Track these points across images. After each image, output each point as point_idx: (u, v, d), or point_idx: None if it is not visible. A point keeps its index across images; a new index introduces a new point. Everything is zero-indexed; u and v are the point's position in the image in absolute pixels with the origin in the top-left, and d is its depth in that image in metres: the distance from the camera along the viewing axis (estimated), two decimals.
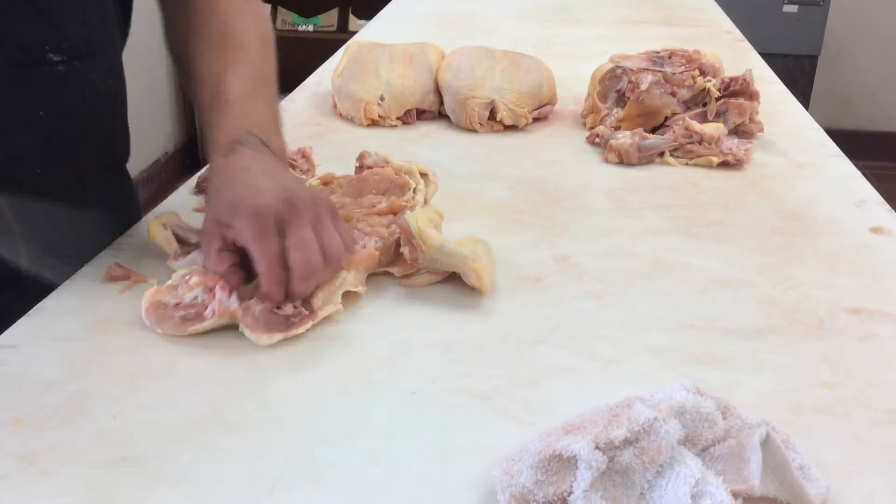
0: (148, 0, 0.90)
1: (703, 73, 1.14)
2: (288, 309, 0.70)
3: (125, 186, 0.96)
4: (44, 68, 0.77)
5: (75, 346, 0.69)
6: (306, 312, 0.70)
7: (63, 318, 0.72)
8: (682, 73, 1.14)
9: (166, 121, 3.47)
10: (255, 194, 0.69)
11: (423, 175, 0.91)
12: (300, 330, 0.69)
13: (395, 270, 0.78)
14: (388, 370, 0.67)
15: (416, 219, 0.76)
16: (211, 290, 0.70)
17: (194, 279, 0.71)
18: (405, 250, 0.76)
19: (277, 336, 0.68)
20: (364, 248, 0.76)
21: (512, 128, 1.18)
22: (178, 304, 0.71)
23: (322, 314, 0.71)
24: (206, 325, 0.69)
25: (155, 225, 0.80)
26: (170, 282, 0.73)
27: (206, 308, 0.69)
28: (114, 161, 0.92)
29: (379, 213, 0.83)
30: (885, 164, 3.51)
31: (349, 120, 1.21)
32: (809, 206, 0.96)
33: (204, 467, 0.56)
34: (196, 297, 0.71)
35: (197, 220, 0.78)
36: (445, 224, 0.83)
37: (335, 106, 1.23)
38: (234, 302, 0.69)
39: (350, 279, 0.74)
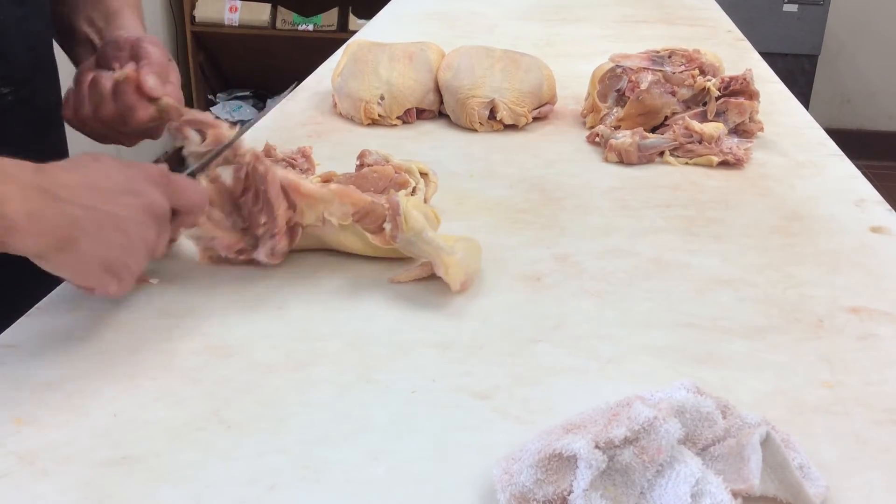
0: None
1: (703, 73, 1.14)
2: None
3: None
4: None
5: (75, 346, 0.69)
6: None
7: (63, 317, 0.72)
8: (682, 72, 1.14)
9: None
10: None
11: (424, 174, 0.91)
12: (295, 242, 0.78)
13: (374, 239, 0.79)
14: (388, 369, 0.67)
15: (408, 200, 0.76)
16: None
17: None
18: (388, 226, 0.76)
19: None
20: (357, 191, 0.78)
21: (512, 127, 1.18)
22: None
23: (306, 223, 0.78)
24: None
25: None
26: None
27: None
28: None
29: None
30: (885, 164, 3.51)
31: (349, 119, 1.21)
32: (809, 205, 0.96)
33: (204, 467, 0.56)
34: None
35: None
36: (445, 223, 0.83)
37: (335, 105, 1.23)
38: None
39: (336, 208, 0.76)
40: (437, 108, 1.22)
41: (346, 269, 0.80)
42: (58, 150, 0.96)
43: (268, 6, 3.53)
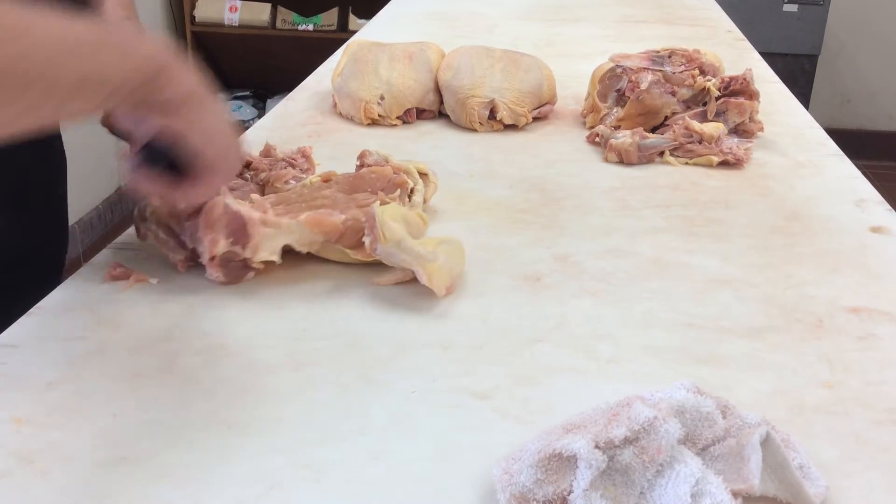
0: None
1: (703, 73, 1.14)
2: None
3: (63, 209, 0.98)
4: None
5: (75, 346, 0.69)
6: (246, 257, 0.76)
7: (63, 317, 0.72)
8: (682, 72, 1.14)
9: None
10: None
11: (423, 175, 0.91)
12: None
13: (354, 254, 0.79)
14: (388, 369, 0.67)
15: (384, 211, 0.76)
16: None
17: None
18: (367, 239, 0.76)
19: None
20: (331, 215, 0.78)
21: (512, 127, 1.18)
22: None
23: (258, 259, 0.76)
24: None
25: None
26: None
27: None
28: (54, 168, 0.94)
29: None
30: (885, 164, 3.51)
31: (349, 119, 1.21)
32: (809, 205, 0.96)
33: (204, 467, 0.56)
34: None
35: None
36: (445, 223, 0.83)
37: (335, 105, 1.23)
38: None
39: (298, 233, 0.76)
40: (437, 108, 1.22)
41: (346, 269, 0.80)
42: (56, 145, 0.96)
43: (268, 6, 3.53)
